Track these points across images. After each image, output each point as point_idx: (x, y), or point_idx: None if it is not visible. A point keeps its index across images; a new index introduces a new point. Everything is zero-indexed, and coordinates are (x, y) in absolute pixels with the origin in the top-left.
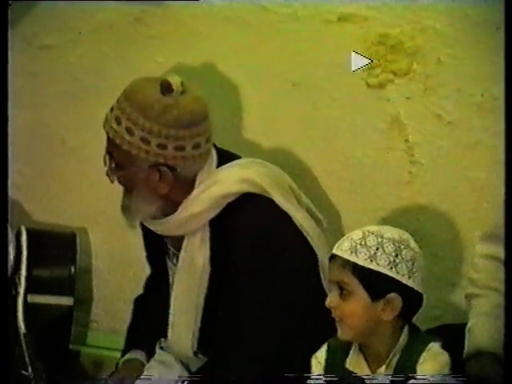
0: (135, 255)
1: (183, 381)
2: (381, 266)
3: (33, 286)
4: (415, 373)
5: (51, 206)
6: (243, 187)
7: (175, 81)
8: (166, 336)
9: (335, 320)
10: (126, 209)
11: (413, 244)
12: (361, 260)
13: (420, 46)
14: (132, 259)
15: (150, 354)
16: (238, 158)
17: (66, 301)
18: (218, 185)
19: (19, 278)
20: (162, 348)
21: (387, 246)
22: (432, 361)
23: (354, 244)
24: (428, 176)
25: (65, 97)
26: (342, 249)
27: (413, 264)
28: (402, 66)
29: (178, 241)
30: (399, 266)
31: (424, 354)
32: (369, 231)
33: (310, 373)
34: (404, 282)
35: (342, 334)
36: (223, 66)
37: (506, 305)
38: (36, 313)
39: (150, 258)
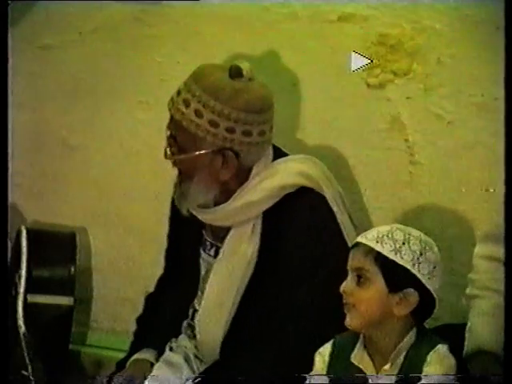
0: (135, 255)
1: (194, 379)
2: (404, 261)
3: (33, 286)
4: (421, 373)
5: (51, 205)
6: (301, 181)
7: (245, 66)
8: (177, 336)
9: (345, 305)
10: (181, 196)
11: (436, 250)
12: (386, 250)
13: (420, 45)
14: (132, 259)
15: (161, 354)
16: (287, 155)
17: (65, 301)
18: (277, 176)
19: (19, 278)
20: (171, 349)
21: (413, 243)
22: (438, 364)
23: (380, 235)
24: (428, 176)
25: (65, 97)
26: (368, 238)
27: (434, 268)
28: (402, 66)
29: (220, 231)
30: (422, 264)
31: (431, 354)
32: (396, 227)
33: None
34: (424, 281)
35: (351, 320)
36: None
37: (506, 305)
38: (36, 313)
39: (175, 252)
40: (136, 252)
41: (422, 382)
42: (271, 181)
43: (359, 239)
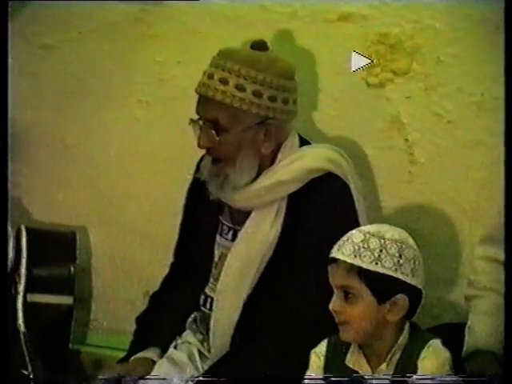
0: (135, 255)
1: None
2: (386, 268)
3: (33, 286)
4: (416, 370)
5: (51, 205)
6: (329, 166)
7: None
8: (181, 334)
9: (338, 323)
10: (222, 184)
11: (412, 242)
12: (366, 263)
13: (420, 45)
14: (132, 259)
15: (165, 353)
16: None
17: (65, 300)
18: (305, 159)
19: (19, 277)
20: (175, 347)
21: (390, 248)
22: (433, 358)
23: (356, 247)
24: (428, 175)
25: (65, 96)
26: (344, 253)
27: (415, 263)
28: (402, 66)
29: (239, 215)
30: (403, 266)
31: (425, 350)
32: (369, 233)
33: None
34: (408, 281)
35: (347, 336)
36: None
37: (506, 305)
38: (36, 312)
39: (187, 244)
40: (136, 252)
41: (420, 382)
42: (300, 163)
43: (335, 255)
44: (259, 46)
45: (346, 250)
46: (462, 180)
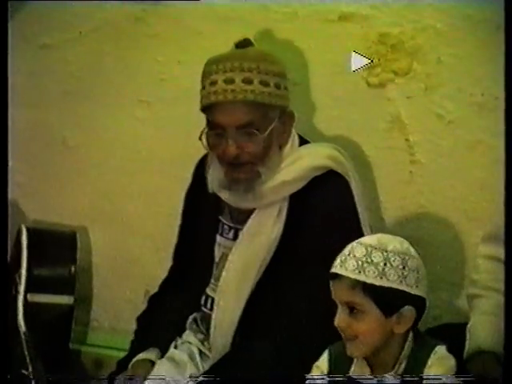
0: (135, 255)
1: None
2: (391, 282)
3: (33, 285)
4: (422, 378)
5: (51, 205)
6: (330, 163)
7: None
8: (181, 334)
9: (344, 338)
10: (252, 185)
11: (413, 251)
12: (370, 278)
13: (420, 45)
14: (132, 259)
15: (165, 354)
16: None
17: (66, 300)
18: (307, 158)
19: (19, 277)
20: (176, 347)
21: (394, 260)
22: (439, 366)
23: (360, 262)
24: (428, 176)
25: (65, 96)
26: (348, 268)
27: (418, 272)
28: (403, 66)
29: (240, 215)
30: (407, 277)
31: (431, 357)
32: (371, 246)
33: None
34: (413, 292)
35: (355, 352)
36: None
37: (506, 305)
38: (36, 312)
39: (186, 245)
40: (136, 252)
41: (423, 383)
42: (302, 162)
43: (338, 271)
44: (246, 43)
45: (349, 265)
46: (462, 180)
